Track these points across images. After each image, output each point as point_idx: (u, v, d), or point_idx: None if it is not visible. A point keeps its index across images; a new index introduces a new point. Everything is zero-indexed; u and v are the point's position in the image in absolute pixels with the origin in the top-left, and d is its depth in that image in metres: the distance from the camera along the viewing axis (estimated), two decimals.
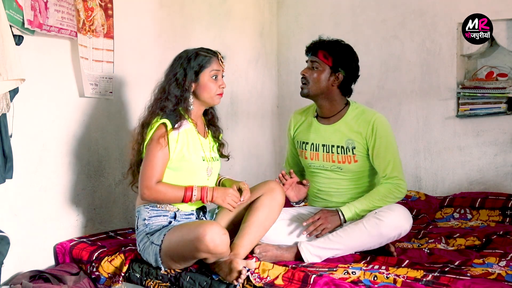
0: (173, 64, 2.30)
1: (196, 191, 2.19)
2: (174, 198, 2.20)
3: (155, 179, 2.18)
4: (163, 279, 2.21)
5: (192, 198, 2.19)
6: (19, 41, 2.27)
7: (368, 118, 2.47)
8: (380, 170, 2.47)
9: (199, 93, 2.28)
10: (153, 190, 2.17)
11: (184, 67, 2.25)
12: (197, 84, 2.27)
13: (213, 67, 2.27)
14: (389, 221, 2.28)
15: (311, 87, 2.49)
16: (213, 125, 2.42)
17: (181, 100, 2.25)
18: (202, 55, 2.27)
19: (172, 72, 2.28)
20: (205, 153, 2.30)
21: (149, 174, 2.18)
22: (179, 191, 2.19)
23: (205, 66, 2.26)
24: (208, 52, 2.29)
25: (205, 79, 2.26)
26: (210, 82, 2.27)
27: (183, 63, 2.26)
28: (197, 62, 2.25)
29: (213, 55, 2.29)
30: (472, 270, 2.10)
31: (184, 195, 2.18)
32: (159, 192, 2.18)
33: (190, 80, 2.25)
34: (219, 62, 2.29)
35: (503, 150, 3.33)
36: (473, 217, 3.06)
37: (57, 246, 2.56)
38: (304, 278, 1.98)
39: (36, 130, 2.48)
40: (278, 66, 4.15)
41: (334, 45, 2.49)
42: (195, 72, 2.25)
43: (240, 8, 3.78)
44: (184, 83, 2.24)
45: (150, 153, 2.19)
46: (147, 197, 2.19)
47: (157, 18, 3.14)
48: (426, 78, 3.56)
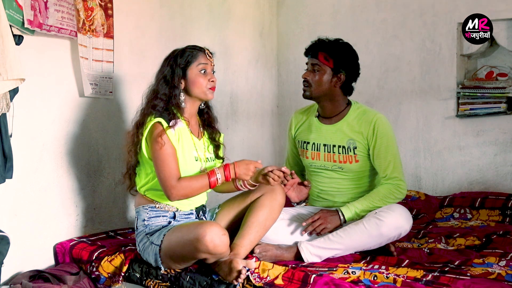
0: (162, 65, 2.31)
1: (220, 174, 2.18)
2: (202, 188, 2.19)
3: (175, 178, 2.16)
4: (163, 279, 2.21)
5: (217, 182, 2.18)
6: (19, 41, 2.26)
7: (370, 118, 2.47)
8: (381, 171, 2.47)
9: (190, 89, 2.27)
10: (178, 189, 2.15)
11: (171, 65, 2.26)
12: (186, 81, 2.27)
13: (199, 61, 2.26)
14: (389, 221, 2.28)
15: (313, 89, 2.49)
16: (209, 126, 2.41)
17: (171, 98, 2.25)
18: (188, 51, 2.28)
19: (161, 72, 2.29)
20: (198, 153, 2.30)
21: (167, 175, 2.15)
22: (203, 180, 2.18)
23: (191, 61, 2.26)
24: (194, 47, 2.30)
25: (193, 74, 2.26)
26: (199, 77, 2.26)
27: (170, 61, 2.27)
28: (183, 58, 2.26)
29: (200, 50, 2.29)
30: (472, 270, 2.10)
31: (209, 181, 2.17)
32: (185, 188, 2.16)
33: (177, 76, 2.25)
34: (206, 56, 2.29)
35: (503, 150, 3.33)
36: (473, 217, 3.06)
37: (57, 246, 2.56)
38: (304, 278, 1.98)
39: (36, 130, 2.48)
40: (278, 66, 4.15)
41: (334, 46, 2.49)
42: (182, 69, 2.25)
43: (240, 8, 3.78)
44: (172, 80, 2.25)
45: (157, 155, 2.17)
46: (175, 198, 2.16)
47: (157, 18, 3.14)
48: (426, 78, 3.56)
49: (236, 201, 2.39)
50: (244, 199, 2.36)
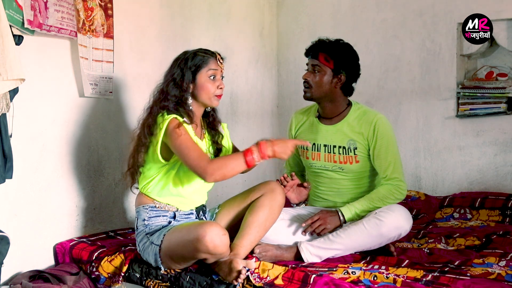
0: (172, 66, 2.29)
1: (256, 153, 2.11)
2: (237, 166, 2.11)
3: (205, 158, 2.11)
4: (163, 279, 2.21)
5: (254, 161, 2.11)
6: (19, 41, 2.26)
7: (370, 119, 2.47)
8: (381, 171, 2.47)
9: (197, 94, 2.26)
10: (213, 168, 2.07)
11: (181, 68, 2.24)
12: (194, 85, 2.25)
13: (210, 67, 2.25)
14: (389, 221, 2.28)
15: (314, 90, 2.49)
16: (213, 129, 2.40)
17: (181, 101, 2.24)
18: (199, 55, 2.25)
19: (170, 73, 2.27)
20: None
21: (196, 159, 2.09)
22: (238, 158, 2.11)
23: (202, 66, 2.24)
24: (206, 52, 2.28)
25: (202, 79, 2.24)
26: (207, 83, 2.25)
27: (181, 63, 2.25)
28: (194, 62, 2.24)
29: (211, 55, 2.27)
30: (472, 270, 2.10)
31: (245, 160, 2.11)
32: (220, 167, 2.09)
33: (187, 80, 2.23)
34: (217, 62, 2.27)
35: (503, 150, 3.33)
36: (473, 217, 3.06)
37: (57, 246, 2.56)
38: (304, 278, 1.98)
39: (36, 130, 2.48)
40: (278, 66, 4.15)
41: (334, 47, 2.49)
42: (192, 72, 2.24)
43: (240, 8, 3.78)
44: (182, 84, 2.23)
45: (179, 144, 2.11)
46: (211, 178, 2.09)
47: (157, 18, 3.14)
48: (426, 78, 3.56)
49: (236, 201, 2.39)
50: (244, 199, 2.36)
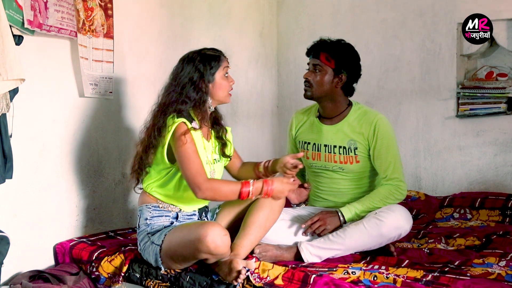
0: (183, 66, 2.25)
1: (253, 187, 2.13)
2: (230, 194, 2.14)
3: (202, 175, 2.12)
4: (163, 279, 2.21)
5: (249, 194, 2.13)
6: (19, 41, 2.26)
7: (370, 119, 2.47)
8: (381, 171, 2.47)
9: (214, 93, 2.26)
10: (206, 187, 2.10)
11: (198, 68, 2.22)
12: (213, 84, 2.25)
13: (224, 65, 2.27)
14: (389, 221, 2.28)
15: (314, 90, 2.49)
16: (217, 124, 2.39)
17: (200, 102, 2.22)
18: (211, 55, 2.26)
19: (185, 75, 2.23)
20: (207, 157, 2.28)
21: (193, 173, 2.11)
22: (235, 187, 2.13)
23: (219, 65, 2.26)
24: (215, 51, 2.29)
25: (219, 77, 2.26)
26: (223, 80, 2.27)
27: (197, 64, 2.22)
28: (212, 62, 2.24)
29: (221, 54, 2.29)
30: (472, 270, 2.10)
31: (241, 191, 2.13)
32: (214, 189, 2.11)
33: (207, 81, 2.23)
34: (226, 59, 2.30)
35: (503, 150, 3.33)
36: (473, 217, 3.06)
37: (57, 246, 2.56)
38: (304, 278, 1.98)
39: (36, 130, 2.48)
40: (278, 66, 4.15)
41: (335, 47, 2.49)
42: (212, 73, 2.23)
43: (240, 8, 3.78)
44: (202, 85, 2.22)
45: (181, 153, 2.12)
46: (201, 196, 2.12)
47: (157, 18, 3.14)
48: (426, 78, 3.56)
49: (237, 202, 2.38)
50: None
